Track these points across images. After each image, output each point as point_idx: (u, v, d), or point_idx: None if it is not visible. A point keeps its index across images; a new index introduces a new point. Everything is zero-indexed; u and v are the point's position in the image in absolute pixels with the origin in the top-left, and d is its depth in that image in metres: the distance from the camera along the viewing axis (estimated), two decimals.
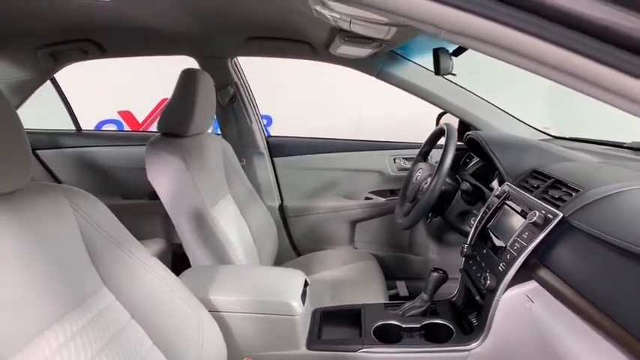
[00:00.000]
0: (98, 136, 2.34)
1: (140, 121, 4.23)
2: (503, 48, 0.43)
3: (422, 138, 1.71)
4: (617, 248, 0.75)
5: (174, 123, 1.44)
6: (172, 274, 0.96)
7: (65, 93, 2.22)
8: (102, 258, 0.83)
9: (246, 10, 1.40)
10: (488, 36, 0.43)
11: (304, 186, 2.11)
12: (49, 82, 2.10)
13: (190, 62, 1.86)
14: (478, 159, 1.62)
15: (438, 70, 1.57)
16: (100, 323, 0.77)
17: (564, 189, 1.02)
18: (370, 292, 1.55)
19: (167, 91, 1.46)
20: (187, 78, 1.42)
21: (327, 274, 1.72)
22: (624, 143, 1.53)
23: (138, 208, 2.11)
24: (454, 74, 1.56)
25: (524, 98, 2.41)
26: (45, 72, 1.97)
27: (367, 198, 2.08)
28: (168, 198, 1.38)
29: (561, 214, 0.92)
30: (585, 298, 0.78)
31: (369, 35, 1.15)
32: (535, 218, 0.96)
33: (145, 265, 0.89)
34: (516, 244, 1.00)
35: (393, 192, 2.05)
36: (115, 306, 0.83)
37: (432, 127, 1.68)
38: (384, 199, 2.03)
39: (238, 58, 1.98)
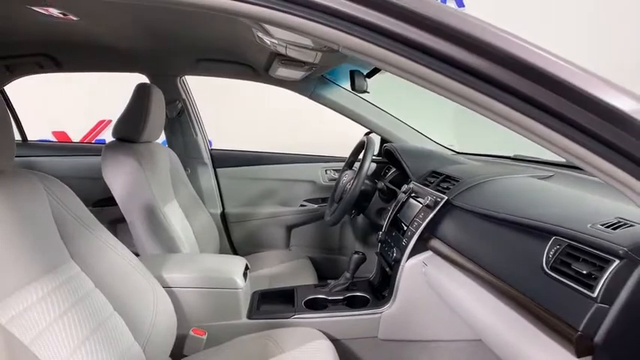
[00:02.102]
0: (44, 147, 2.39)
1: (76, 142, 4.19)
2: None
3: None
4: (484, 216, 1.04)
5: (128, 129, 1.59)
6: (132, 254, 1.09)
7: None
8: (70, 235, 0.95)
9: (198, 34, 1.59)
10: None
11: (244, 194, 2.30)
12: None
13: (130, 84, 1.81)
14: (395, 169, 1.92)
15: (353, 87, 1.84)
16: (67, 288, 0.89)
17: (451, 181, 1.32)
18: (303, 282, 1.75)
19: (105, 112, 1.58)
20: (142, 91, 1.60)
21: (265, 271, 1.90)
22: (510, 156, 1.90)
23: None
24: (368, 92, 1.85)
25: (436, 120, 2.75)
26: None
27: (302, 205, 2.30)
28: (123, 195, 1.52)
29: (446, 197, 1.22)
30: (465, 256, 1.05)
31: (301, 59, 1.40)
32: (428, 202, 1.25)
33: (108, 244, 1.03)
34: (415, 222, 1.28)
35: (324, 200, 2.28)
36: (81, 276, 0.95)
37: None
38: (316, 206, 2.27)
39: (186, 77, 2.17)
